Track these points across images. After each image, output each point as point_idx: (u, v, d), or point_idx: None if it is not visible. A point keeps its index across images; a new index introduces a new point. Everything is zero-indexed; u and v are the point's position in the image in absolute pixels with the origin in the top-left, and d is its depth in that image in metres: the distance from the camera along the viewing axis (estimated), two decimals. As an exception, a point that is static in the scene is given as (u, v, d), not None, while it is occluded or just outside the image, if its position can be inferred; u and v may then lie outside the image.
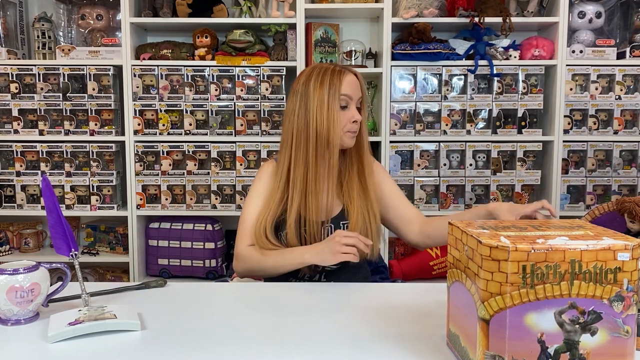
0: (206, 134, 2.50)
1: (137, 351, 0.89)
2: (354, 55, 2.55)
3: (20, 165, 2.53)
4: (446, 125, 2.51)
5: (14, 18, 2.63)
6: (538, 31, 2.69)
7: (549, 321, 0.71)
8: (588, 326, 0.71)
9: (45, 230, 2.76)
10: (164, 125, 2.50)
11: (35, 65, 2.49)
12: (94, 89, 2.50)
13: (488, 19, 2.44)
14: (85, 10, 2.59)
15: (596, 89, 2.50)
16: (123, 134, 2.51)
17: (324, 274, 1.36)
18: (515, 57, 2.50)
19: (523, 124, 2.52)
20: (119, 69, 2.54)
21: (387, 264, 2.40)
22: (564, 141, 2.51)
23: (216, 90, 2.48)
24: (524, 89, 2.50)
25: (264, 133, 2.49)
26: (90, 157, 2.52)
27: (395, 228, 1.47)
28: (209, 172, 2.52)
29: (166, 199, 2.53)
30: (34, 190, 2.56)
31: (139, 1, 2.52)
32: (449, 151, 2.53)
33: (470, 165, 2.52)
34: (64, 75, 2.49)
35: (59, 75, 2.50)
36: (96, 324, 0.94)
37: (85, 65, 2.48)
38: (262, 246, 1.33)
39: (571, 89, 2.50)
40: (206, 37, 2.47)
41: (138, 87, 2.49)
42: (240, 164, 2.51)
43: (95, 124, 2.51)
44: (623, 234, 0.77)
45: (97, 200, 2.53)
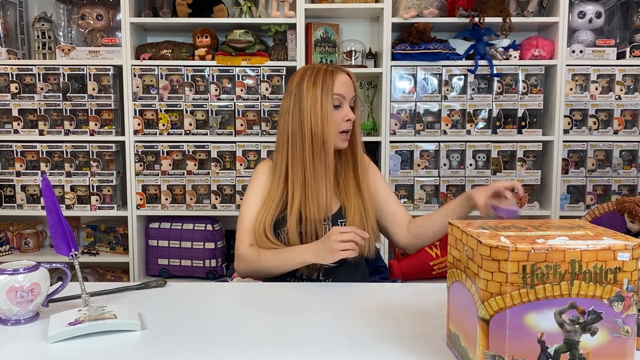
0: (206, 134, 2.50)
1: (137, 351, 0.89)
2: (354, 55, 2.55)
3: (20, 165, 2.53)
4: (446, 125, 2.51)
5: (14, 18, 2.63)
6: (538, 31, 2.69)
7: (549, 321, 0.71)
8: (588, 326, 0.71)
9: (45, 230, 2.76)
10: (164, 125, 2.50)
11: (35, 65, 2.49)
12: (94, 89, 2.50)
13: (488, 19, 2.44)
14: (85, 10, 2.59)
15: (596, 89, 2.50)
16: (123, 134, 2.52)
17: (322, 271, 1.37)
18: (515, 57, 2.50)
19: (523, 124, 2.52)
20: (119, 69, 2.54)
21: (387, 264, 2.40)
22: (564, 141, 2.51)
23: (216, 90, 2.48)
24: (524, 89, 2.50)
25: (264, 133, 2.49)
26: (90, 157, 2.52)
27: (385, 230, 1.48)
28: (209, 172, 2.52)
29: (166, 199, 2.53)
30: (34, 190, 2.56)
31: (139, 1, 2.52)
32: (449, 151, 2.53)
33: (470, 165, 2.52)
34: (64, 75, 2.49)
35: (59, 75, 2.50)
36: (96, 324, 0.94)
37: (85, 65, 2.48)
38: (262, 245, 1.34)
39: (571, 89, 2.50)
40: (206, 37, 2.47)
41: (138, 87, 2.49)
42: (240, 164, 2.51)
43: (95, 124, 2.51)
44: (623, 234, 0.77)
45: (97, 200, 2.54)
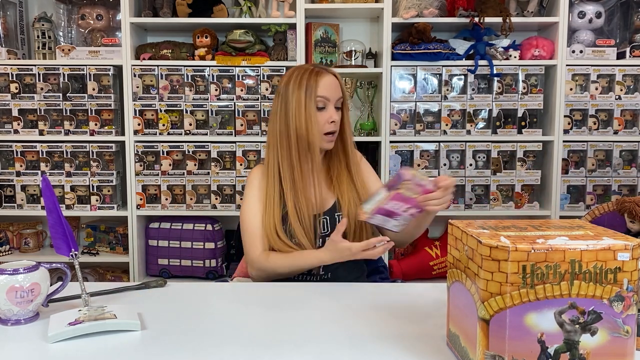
0: (206, 134, 2.50)
1: (137, 351, 0.89)
2: (354, 55, 2.55)
3: (20, 165, 2.53)
4: (446, 125, 2.51)
5: (14, 18, 2.63)
6: (538, 31, 2.69)
7: (549, 321, 0.71)
8: (588, 326, 0.71)
9: (45, 230, 2.76)
10: (164, 125, 2.50)
11: (35, 65, 2.49)
12: (94, 89, 2.50)
13: (488, 19, 2.44)
14: (85, 10, 2.59)
15: (596, 89, 2.50)
16: (123, 134, 2.51)
17: (321, 266, 1.38)
18: (515, 57, 2.50)
19: (523, 124, 2.52)
20: (119, 69, 2.54)
21: (387, 264, 2.40)
22: (564, 141, 2.51)
23: (216, 90, 2.48)
24: (524, 89, 2.50)
25: (264, 133, 2.49)
26: (90, 157, 2.52)
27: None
28: (209, 172, 2.52)
29: (166, 199, 2.53)
30: (34, 190, 2.56)
31: (139, 1, 2.52)
32: (449, 151, 2.53)
33: (470, 165, 2.52)
34: (64, 75, 2.49)
35: (59, 75, 2.49)
36: (96, 324, 0.94)
37: (85, 65, 2.48)
38: (275, 246, 1.35)
39: (571, 89, 2.50)
40: (206, 37, 2.47)
41: (138, 87, 2.49)
42: (240, 164, 2.51)
43: (95, 124, 2.51)
44: (623, 234, 0.77)
45: (97, 200, 2.53)
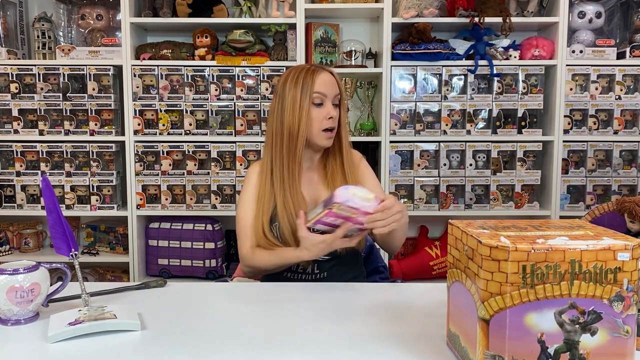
0: (206, 134, 2.50)
1: (137, 351, 0.89)
2: (354, 55, 2.55)
3: (20, 165, 2.53)
4: (446, 125, 2.51)
5: (14, 18, 2.63)
6: (538, 31, 2.69)
7: (549, 321, 0.71)
8: (588, 326, 0.71)
9: (45, 230, 2.76)
10: (164, 125, 2.50)
11: (35, 65, 2.49)
12: (94, 89, 2.50)
13: (488, 19, 2.44)
14: (85, 10, 2.59)
15: (596, 89, 2.50)
16: (123, 134, 2.51)
17: (316, 264, 1.39)
18: (515, 57, 2.50)
19: (523, 124, 2.52)
20: (119, 69, 2.54)
21: (387, 264, 2.40)
22: (564, 141, 2.51)
23: (216, 90, 2.48)
24: (524, 89, 2.50)
25: (264, 133, 2.48)
26: (90, 157, 2.52)
27: None
28: (209, 172, 2.52)
29: (166, 199, 2.53)
30: (34, 190, 2.56)
31: (139, 1, 2.52)
32: (449, 151, 2.53)
33: (470, 165, 2.52)
34: (64, 75, 2.49)
35: (59, 75, 2.49)
36: (96, 324, 0.94)
37: (85, 65, 2.48)
38: (262, 244, 1.37)
39: (571, 89, 2.50)
40: (206, 37, 2.47)
41: (138, 87, 2.49)
42: (240, 164, 2.51)
43: (95, 124, 2.51)
44: (623, 234, 0.77)
45: (97, 200, 2.53)
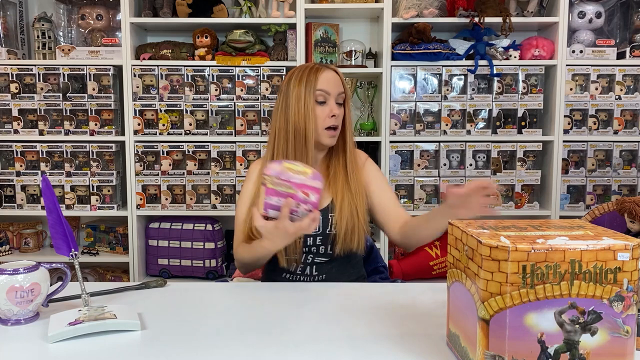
0: (206, 134, 2.50)
1: (137, 351, 0.89)
2: (354, 55, 2.55)
3: (20, 165, 2.53)
4: (446, 125, 2.51)
5: (14, 18, 2.63)
6: (538, 31, 2.69)
7: (549, 321, 0.71)
8: (588, 326, 0.71)
9: (45, 230, 2.76)
10: (164, 125, 2.50)
11: (35, 65, 2.49)
12: (94, 89, 2.50)
13: (488, 19, 2.44)
14: (85, 10, 2.59)
15: (596, 89, 2.50)
16: (123, 134, 2.51)
17: (315, 267, 1.38)
18: (515, 57, 2.50)
19: (523, 124, 2.52)
20: (119, 69, 2.54)
21: (387, 264, 2.40)
22: (564, 141, 2.51)
23: (216, 90, 2.48)
24: (524, 89, 2.50)
25: (264, 133, 2.49)
26: (90, 157, 2.52)
27: (381, 225, 1.49)
28: (209, 172, 2.52)
29: (166, 199, 2.53)
30: (34, 190, 2.56)
31: (139, 1, 2.52)
32: (449, 151, 2.53)
33: (470, 165, 2.52)
34: (64, 75, 2.49)
35: (59, 75, 2.49)
36: (96, 324, 0.94)
37: (85, 65, 2.48)
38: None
39: (571, 89, 2.50)
40: (206, 37, 2.47)
41: (138, 87, 2.49)
42: (240, 164, 2.51)
43: (95, 124, 2.51)
44: (623, 234, 0.77)
45: (97, 200, 2.53)
